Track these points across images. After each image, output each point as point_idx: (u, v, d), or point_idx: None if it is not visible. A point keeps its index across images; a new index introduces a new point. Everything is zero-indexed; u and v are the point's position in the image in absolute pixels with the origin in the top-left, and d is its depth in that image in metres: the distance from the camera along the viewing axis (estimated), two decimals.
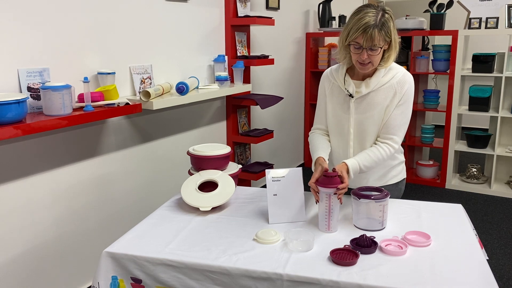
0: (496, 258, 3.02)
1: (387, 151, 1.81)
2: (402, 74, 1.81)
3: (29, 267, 2.22)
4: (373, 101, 1.81)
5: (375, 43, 1.66)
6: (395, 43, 1.74)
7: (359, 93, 1.81)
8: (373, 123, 1.83)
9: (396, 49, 1.75)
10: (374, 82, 1.78)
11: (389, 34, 1.69)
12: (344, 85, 1.84)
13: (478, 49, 5.43)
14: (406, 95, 1.80)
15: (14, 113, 1.80)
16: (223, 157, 2.02)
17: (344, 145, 1.90)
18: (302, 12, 4.78)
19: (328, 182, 1.61)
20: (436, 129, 4.68)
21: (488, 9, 4.14)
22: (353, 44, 1.70)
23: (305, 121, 5.06)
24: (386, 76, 1.79)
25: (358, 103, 1.83)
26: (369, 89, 1.79)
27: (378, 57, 1.72)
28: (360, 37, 1.66)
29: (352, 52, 1.73)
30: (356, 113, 1.84)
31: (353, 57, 1.74)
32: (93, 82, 2.40)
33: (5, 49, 1.98)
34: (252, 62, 3.42)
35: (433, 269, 1.37)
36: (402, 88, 1.79)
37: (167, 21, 2.87)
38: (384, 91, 1.79)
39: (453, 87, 4.25)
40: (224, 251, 1.50)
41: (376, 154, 1.79)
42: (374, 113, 1.81)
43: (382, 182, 1.95)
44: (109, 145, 2.58)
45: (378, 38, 1.66)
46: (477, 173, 4.46)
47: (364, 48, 1.68)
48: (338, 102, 1.88)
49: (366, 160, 1.77)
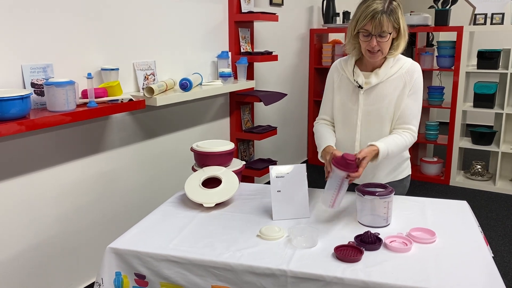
0: (501, 255, 3.01)
1: (410, 139, 1.81)
2: (410, 64, 1.82)
3: (34, 262, 2.22)
4: (382, 93, 1.81)
5: (384, 29, 1.67)
6: (404, 31, 1.74)
7: (368, 84, 1.81)
8: (381, 116, 1.83)
9: (405, 38, 1.76)
10: (384, 72, 1.79)
11: (397, 20, 1.70)
12: (353, 77, 1.84)
13: (483, 45, 5.40)
14: (417, 84, 1.81)
15: (17, 109, 1.80)
16: (226, 153, 2.02)
17: (350, 138, 1.90)
18: (306, 8, 4.76)
19: (345, 165, 1.61)
20: (441, 126, 4.65)
21: (494, 5, 4.11)
22: (362, 31, 1.71)
23: (309, 118, 5.05)
24: (394, 66, 1.80)
25: (367, 95, 1.83)
26: (378, 79, 1.79)
27: (387, 45, 1.72)
28: (369, 23, 1.67)
29: (361, 40, 1.74)
30: (365, 105, 1.83)
31: (363, 46, 1.75)
32: (97, 78, 2.40)
33: (9, 45, 1.98)
34: (256, 59, 3.41)
35: (438, 266, 1.36)
36: (412, 77, 1.80)
37: (170, 17, 2.87)
38: (393, 82, 1.80)
39: (457, 84, 4.23)
40: (228, 247, 1.49)
41: (401, 141, 1.78)
42: (383, 105, 1.81)
43: (389, 178, 1.95)
44: (113, 141, 2.58)
45: (387, 24, 1.67)
46: (481, 170, 4.44)
47: (373, 35, 1.68)
48: (347, 94, 1.88)
49: (393, 145, 1.75)
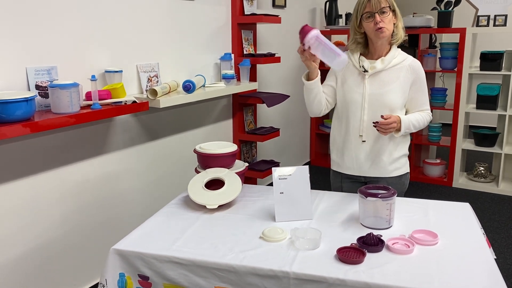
0: (504, 257, 3.01)
1: (427, 117, 2.02)
2: (412, 59, 2.00)
3: (37, 263, 2.23)
4: (386, 79, 1.95)
5: (383, 5, 1.87)
6: (399, 15, 1.95)
7: (373, 68, 1.95)
8: (384, 103, 1.94)
9: (401, 20, 1.96)
10: (389, 59, 1.95)
11: (391, 1, 1.90)
12: (358, 63, 1.98)
13: (486, 47, 5.39)
14: (422, 77, 2.00)
15: (22, 111, 1.81)
16: (229, 155, 2.03)
17: (356, 118, 1.99)
18: (309, 10, 4.77)
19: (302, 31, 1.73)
20: (443, 128, 4.65)
21: (497, 7, 4.10)
22: (365, 14, 1.90)
23: (312, 119, 5.05)
24: (398, 57, 1.97)
25: (372, 79, 1.96)
26: (383, 65, 1.94)
27: (390, 21, 1.90)
28: (368, 5, 1.88)
29: (366, 23, 1.90)
30: (370, 89, 1.96)
31: (369, 28, 1.91)
32: (101, 80, 2.42)
33: (14, 47, 1.99)
34: (259, 60, 3.41)
35: (440, 268, 1.36)
36: (418, 73, 1.98)
37: (174, 19, 2.88)
38: (396, 71, 1.96)
39: (460, 85, 4.23)
40: (231, 248, 1.50)
41: (420, 117, 1.98)
42: (387, 91, 1.94)
43: (385, 172, 2.03)
44: (116, 143, 2.59)
45: (383, 1, 1.88)
46: (484, 172, 4.43)
47: (375, 13, 1.87)
48: (353, 79, 2.00)
49: (415, 120, 1.96)
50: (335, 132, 2.12)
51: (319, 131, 5.06)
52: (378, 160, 2.01)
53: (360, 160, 2.03)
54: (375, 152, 2.01)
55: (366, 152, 2.01)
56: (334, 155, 2.15)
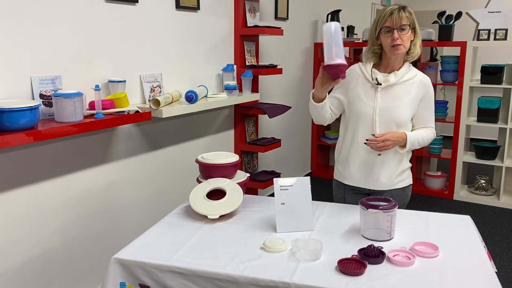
0: (505, 271, 3.00)
1: (432, 134, 2.04)
2: (423, 75, 2.01)
3: (38, 272, 2.23)
4: (398, 93, 1.96)
5: (403, 23, 1.86)
6: (418, 33, 1.94)
7: (386, 82, 1.95)
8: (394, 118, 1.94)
9: (420, 38, 1.95)
10: (402, 74, 1.95)
11: (413, 20, 1.90)
12: (371, 76, 1.98)
13: (487, 61, 5.42)
14: (432, 94, 2.02)
15: (26, 119, 1.83)
16: (231, 165, 2.03)
17: (367, 131, 1.98)
18: (311, 22, 4.81)
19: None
20: (444, 140, 4.66)
21: (497, 21, 4.14)
22: (384, 28, 1.89)
23: (313, 131, 5.06)
24: (410, 72, 1.98)
25: (384, 93, 1.96)
26: (396, 78, 1.95)
27: (408, 39, 1.89)
28: (389, 19, 1.87)
29: (384, 38, 1.90)
30: (382, 102, 1.96)
31: (386, 43, 1.90)
32: (104, 90, 2.44)
33: (18, 57, 2.02)
34: (261, 72, 3.44)
35: (441, 281, 1.36)
36: (428, 89, 1.99)
37: (177, 30, 2.91)
38: (408, 86, 1.97)
39: (461, 98, 4.25)
40: (232, 259, 1.50)
41: (425, 133, 2.00)
42: (397, 105, 1.94)
43: (391, 185, 2.03)
44: (119, 152, 2.60)
45: (405, 18, 1.87)
46: (485, 185, 4.43)
47: (394, 29, 1.86)
48: (364, 92, 1.99)
49: (420, 137, 1.98)
50: (341, 142, 2.12)
51: (320, 142, 5.07)
52: (384, 172, 2.01)
53: (366, 172, 2.03)
54: (382, 164, 2.01)
55: (372, 165, 2.01)
56: (339, 166, 2.15)
